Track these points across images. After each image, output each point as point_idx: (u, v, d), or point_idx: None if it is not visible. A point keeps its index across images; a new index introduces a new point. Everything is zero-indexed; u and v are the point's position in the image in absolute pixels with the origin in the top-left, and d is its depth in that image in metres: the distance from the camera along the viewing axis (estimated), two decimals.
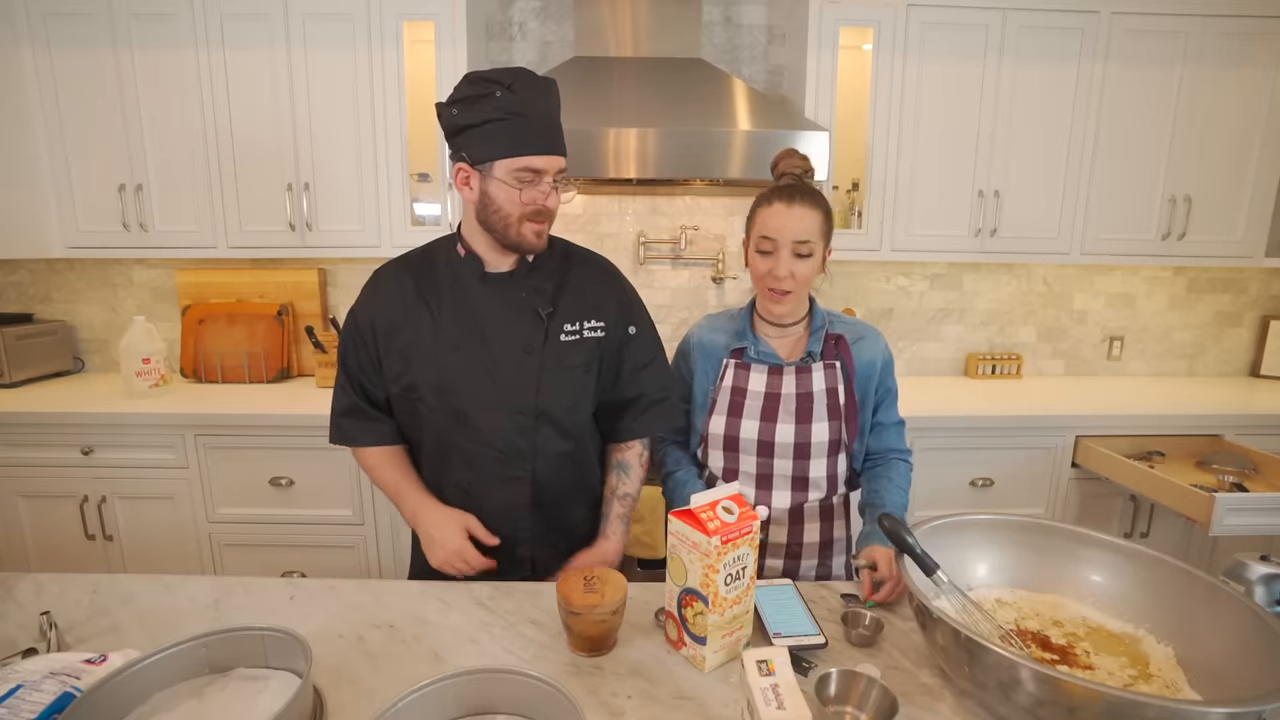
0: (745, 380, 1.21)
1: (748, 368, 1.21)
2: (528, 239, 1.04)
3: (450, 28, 2.07)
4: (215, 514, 2.05)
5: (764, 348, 1.21)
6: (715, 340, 1.26)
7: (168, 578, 1.05)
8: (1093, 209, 2.25)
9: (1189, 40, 2.15)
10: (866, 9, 2.10)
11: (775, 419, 1.18)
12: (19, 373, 2.29)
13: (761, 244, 1.13)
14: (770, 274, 1.12)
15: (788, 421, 1.18)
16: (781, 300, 1.14)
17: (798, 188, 1.13)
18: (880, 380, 1.23)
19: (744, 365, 1.21)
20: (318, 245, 2.20)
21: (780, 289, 1.13)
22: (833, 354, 1.20)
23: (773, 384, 1.20)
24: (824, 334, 1.21)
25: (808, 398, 1.18)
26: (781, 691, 0.64)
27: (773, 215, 1.11)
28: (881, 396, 1.24)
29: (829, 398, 1.19)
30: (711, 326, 1.28)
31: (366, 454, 1.16)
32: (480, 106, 0.97)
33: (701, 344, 1.26)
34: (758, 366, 1.21)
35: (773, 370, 1.20)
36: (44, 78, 2.10)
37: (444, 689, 0.72)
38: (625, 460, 1.21)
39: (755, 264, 1.15)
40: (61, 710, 0.67)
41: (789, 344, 1.23)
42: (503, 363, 1.08)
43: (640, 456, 1.22)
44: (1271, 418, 2.09)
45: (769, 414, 1.19)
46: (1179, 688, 0.77)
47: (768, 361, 1.21)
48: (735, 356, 1.22)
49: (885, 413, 1.25)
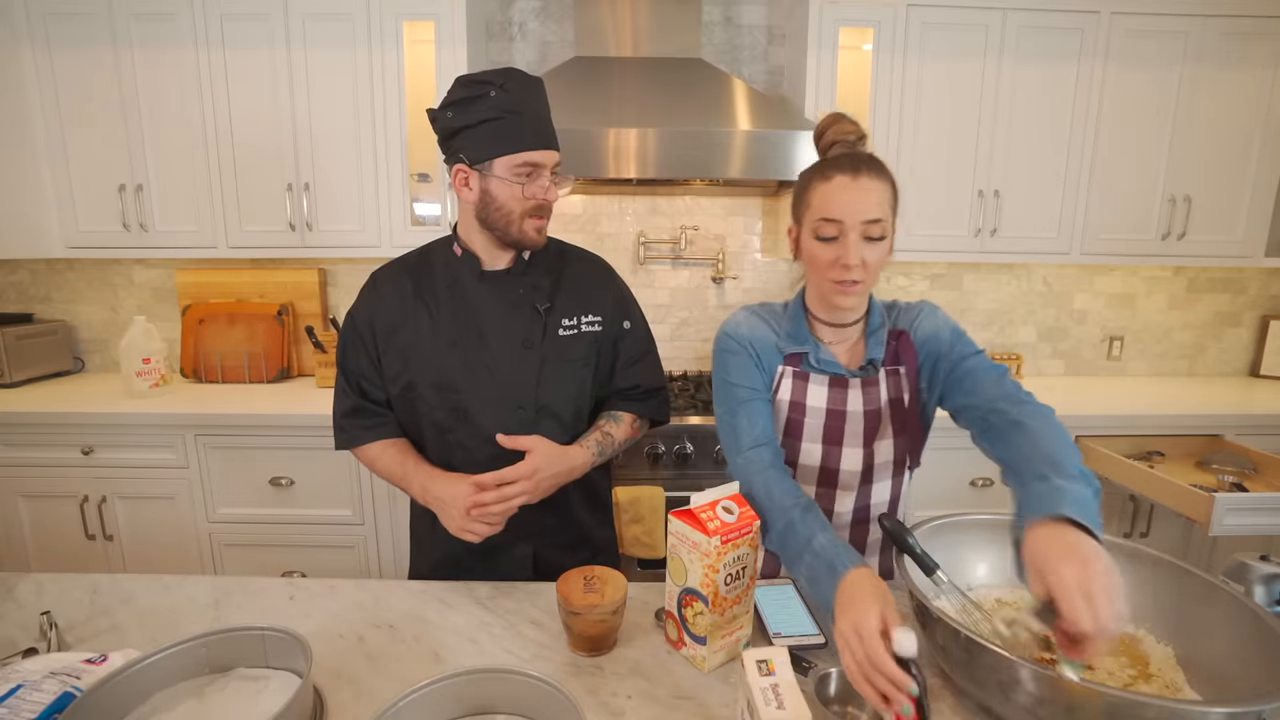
0: (804, 394, 1.03)
1: (806, 378, 1.03)
2: (529, 235, 1.06)
3: (450, 28, 2.07)
4: (215, 514, 2.05)
5: (825, 355, 1.03)
6: (766, 339, 1.05)
7: (168, 578, 1.05)
8: (1093, 209, 2.25)
9: (1189, 40, 2.15)
10: (866, 9, 2.10)
11: (840, 441, 1.02)
12: (19, 373, 2.29)
13: (822, 228, 0.93)
14: (837, 263, 0.93)
15: (854, 445, 1.02)
16: (850, 292, 0.95)
17: (859, 156, 0.94)
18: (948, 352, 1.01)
19: (802, 375, 1.03)
20: (318, 245, 2.20)
21: (850, 279, 0.93)
22: (895, 356, 1.03)
23: (835, 399, 1.02)
24: (885, 334, 1.04)
25: (875, 415, 1.02)
26: (781, 691, 0.64)
27: (835, 191, 0.92)
28: (955, 362, 1.01)
29: (893, 409, 1.02)
30: (756, 322, 1.07)
31: (367, 449, 1.16)
32: (475, 107, 0.99)
33: (755, 342, 1.05)
34: (817, 377, 1.03)
35: (834, 382, 1.02)
36: (44, 78, 2.11)
37: (444, 689, 0.72)
38: (618, 415, 1.18)
39: (815, 252, 0.95)
40: (62, 710, 0.67)
41: (848, 348, 1.05)
42: (502, 358, 1.08)
43: (633, 423, 1.20)
44: (1271, 418, 2.09)
45: (833, 436, 1.02)
46: (1179, 687, 0.77)
47: (829, 371, 1.03)
48: (791, 364, 1.04)
49: (971, 368, 0.99)
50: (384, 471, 1.14)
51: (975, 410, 0.96)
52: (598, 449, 1.12)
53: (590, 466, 1.11)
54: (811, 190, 0.95)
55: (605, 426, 1.15)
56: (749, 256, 2.58)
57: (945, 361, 1.01)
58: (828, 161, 0.96)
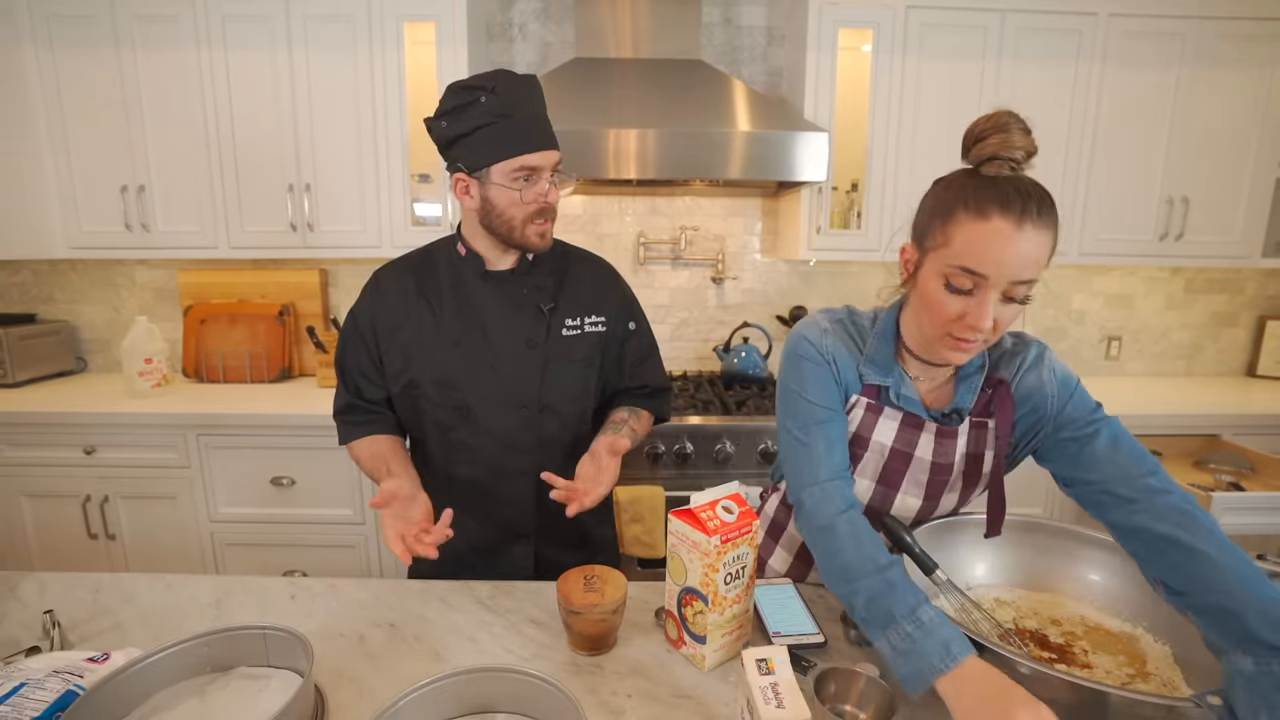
0: (872, 429, 0.91)
1: (879, 411, 0.90)
2: (532, 240, 1.05)
3: (450, 29, 2.07)
4: (217, 513, 2.06)
5: (908, 390, 0.89)
6: (848, 361, 0.91)
7: (170, 577, 1.05)
8: (1091, 210, 2.25)
9: (1186, 42, 2.15)
10: (866, 10, 2.10)
11: (898, 486, 0.91)
12: (22, 373, 2.30)
13: (958, 277, 0.76)
14: (964, 321, 0.77)
15: (914, 494, 0.91)
16: (968, 350, 0.80)
17: (1028, 192, 0.74)
18: (1057, 406, 0.86)
19: (875, 408, 0.90)
20: (319, 245, 2.20)
21: (973, 339, 0.78)
22: (985, 407, 0.89)
23: (904, 439, 0.90)
24: (980, 380, 0.89)
25: (945, 469, 0.90)
26: (781, 690, 0.65)
27: (991, 238, 0.73)
28: (1064, 423, 0.86)
29: (968, 463, 0.90)
30: (840, 337, 0.92)
31: (354, 446, 1.15)
32: (468, 114, 0.98)
33: (839, 359, 0.91)
34: (890, 412, 0.90)
35: (908, 420, 0.90)
36: (46, 79, 2.11)
37: (444, 688, 0.72)
38: (638, 411, 1.19)
39: (939, 299, 0.78)
40: (64, 708, 0.67)
41: (934, 387, 0.92)
42: (505, 357, 1.09)
43: (649, 420, 1.21)
44: (1268, 417, 2.09)
45: (892, 479, 0.91)
46: (1176, 686, 0.77)
47: (906, 409, 0.90)
48: (868, 395, 0.91)
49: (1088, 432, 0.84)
50: (366, 470, 1.13)
51: (1092, 488, 0.82)
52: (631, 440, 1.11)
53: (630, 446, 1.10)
54: (956, 224, 0.76)
55: (630, 421, 1.15)
56: (749, 257, 2.58)
57: (1049, 424, 0.87)
58: (987, 191, 0.75)
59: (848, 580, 0.78)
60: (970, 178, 0.78)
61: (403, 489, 0.97)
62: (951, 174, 0.81)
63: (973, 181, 0.77)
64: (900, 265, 0.88)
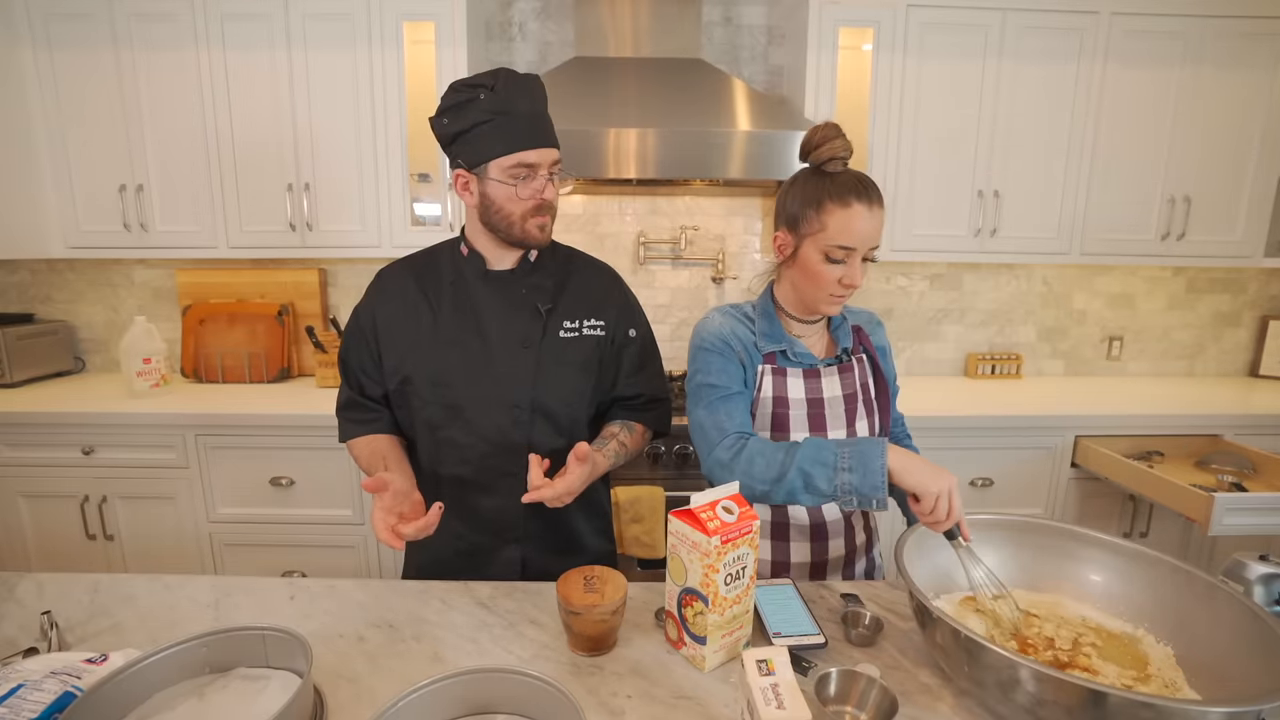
0: (784, 388, 1.08)
1: (784, 372, 1.09)
2: (532, 234, 1.06)
3: (450, 28, 2.07)
4: (216, 514, 2.05)
5: (800, 348, 1.10)
6: (746, 339, 1.10)
7: (168, 577, 1.05)
8: (1092, 209, 2.25)
9: (1188, 41, 2.15)
10: (866, 9, 2.10)
11: (825, 427, 1.08)
12: (20, 373, 2.29)
13: (835, 253, 0.99)
14: (842, 282, 1.01)
15: (837, 428, 1.09)
16: (839, 303, 1.05)
17: (869, 183, 1.00)
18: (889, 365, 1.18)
19: (779, 371, 1.09)
20: (318, 245, 2.20)
21: (845, 295, 1.03)
22: (859, 347, 1.15)
23: (812, 388, 1.09)
24: (849, 327, 1.15)
25: (852, 399, 1.10)
26: (781, 691, 0.65)
27: (855, 220, 0.97)
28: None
29: (864, 393, 1.12)
30: (734, 323, 1.12)
31: (353, 444, 1.16)
32: (467, 111, 0.99)
33: (737, 337, 1.09)
34: (793, 370, 1.09)
35: (809, 373, 1.09)
36: (45, 78, 2.11)
37: (444, 689, 0.72)
38: (631, 425, 1.18)
39: (820, 270, 1.01)
40: (62, 710, 0.67)
41: (817, 341, 1.14)
42: (500, 356, 1.08)
43: (644, 434, 1.20)
44: (1270, 417, 2.09)
45: (817, 423, 1.08)
46: (1178, 687, 0.77)
47: (804, 363, 1.10)
48: (769, 361, 1.10)
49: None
50: (364, 468, 1.13)
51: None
52: (615, 457, 1.12)
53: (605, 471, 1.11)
54: (829, 212, 0.99)
55: (620, 435, 1.14)
56: (749, 256, 2.58)
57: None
58: (842, 185, 0.99)
59: (781, 467, 0.96)
60: (821, 175, 1.01)
61: (398, 481, 0.98)
62: (802, 173, 1.04)
63: (825, 178, 1.00)
64: (775, 250, 1.09)
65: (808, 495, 0.95)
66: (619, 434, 1.14)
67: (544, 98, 1.05)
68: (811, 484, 0.94)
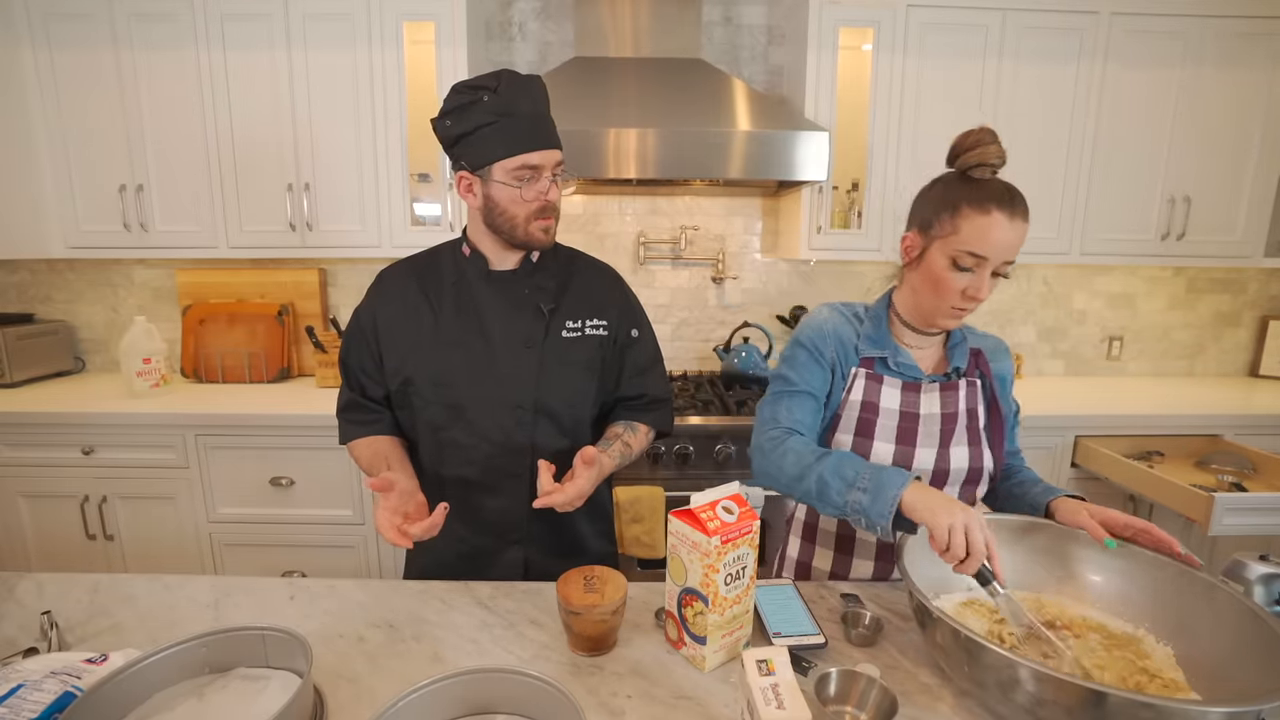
0: (877, 395, 1.04)
1: (879, 380, 1.04)
2: (536, 236, 1.06)
3: (450, 28, 2.07)
4: (215, 514, 2.05)
5: (904, 359, 1.04)
6: (848, 338, 1.07)
7: (168, 577, 1.05)
8: (1092, 209, 2.25)
9: (1188, 41, 2.15)
10: (866, 9, 2.10)
11: (914, 443, 1.02)
12: (20, 373, 2.29)
13: (965, 259, 0.93)
14: (966, 294, 0.95)
15: (928, 445, 1.03)
16: (959, 318, 0.99)
17: (1014, 193, 0.94)
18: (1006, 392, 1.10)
19: (875, 377, 1.05)
20: (318, 245, 2.20)
21: (968, 308, 0.97)
22: (974, 369, 1.08)
23: (909, 401, 1.03)
24: (968, 348, 1.08)
25: (951, 419, 1.04)
26: (781, 691, 0.65)
27: (993, 229, 0.91)
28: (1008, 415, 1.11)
29: (969, 419, 1.05)
30: (840, 320, 1.08)
31: (354, 445, 1.16)
32: (470, 114, 0.99)
33: (838, 337, 1.06)
34: (891, 380, 1.04)
35: (908, 386, 1.04)
36: (45, 78, 2.11)
37: (444, 689, 0.72)
38: (635, 425, 1.18)
39: (945, 278, 0.95)
40: (62, 710, 0.67)
41: (929, 355, 1.08)
42: (502, 357, 1.08)
43: (647, 434, 1.20)
44: (1270, 418, 2.09)
45: (906, 437, 1.02)
46: (1178, 687, 0.77)
47: (906, 376, 1.04)
48: (866, 366, 1.05)
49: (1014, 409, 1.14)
50: (366, 469, 1.13)
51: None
52: (620, 458, 1.12)
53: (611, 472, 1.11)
54: (963, 217, 0.93)
55: (625, 436, 1.14)
56: (749, 256, 2.58)
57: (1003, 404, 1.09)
58: (985, 191, 0.93)
59: (805, 469, 0.95)
60: (965, 180, 0.97)
61: (402, 481, 0.98)
62: (945, 175, 1.00)
63: (969, 183, 0.96)
64: (901, 252, 1.04)
65: (820, 503, 0.94)
66: (623, 434, 1.14)
67: (546, 99, 1.05)
68: (825, 493, 0.92)
